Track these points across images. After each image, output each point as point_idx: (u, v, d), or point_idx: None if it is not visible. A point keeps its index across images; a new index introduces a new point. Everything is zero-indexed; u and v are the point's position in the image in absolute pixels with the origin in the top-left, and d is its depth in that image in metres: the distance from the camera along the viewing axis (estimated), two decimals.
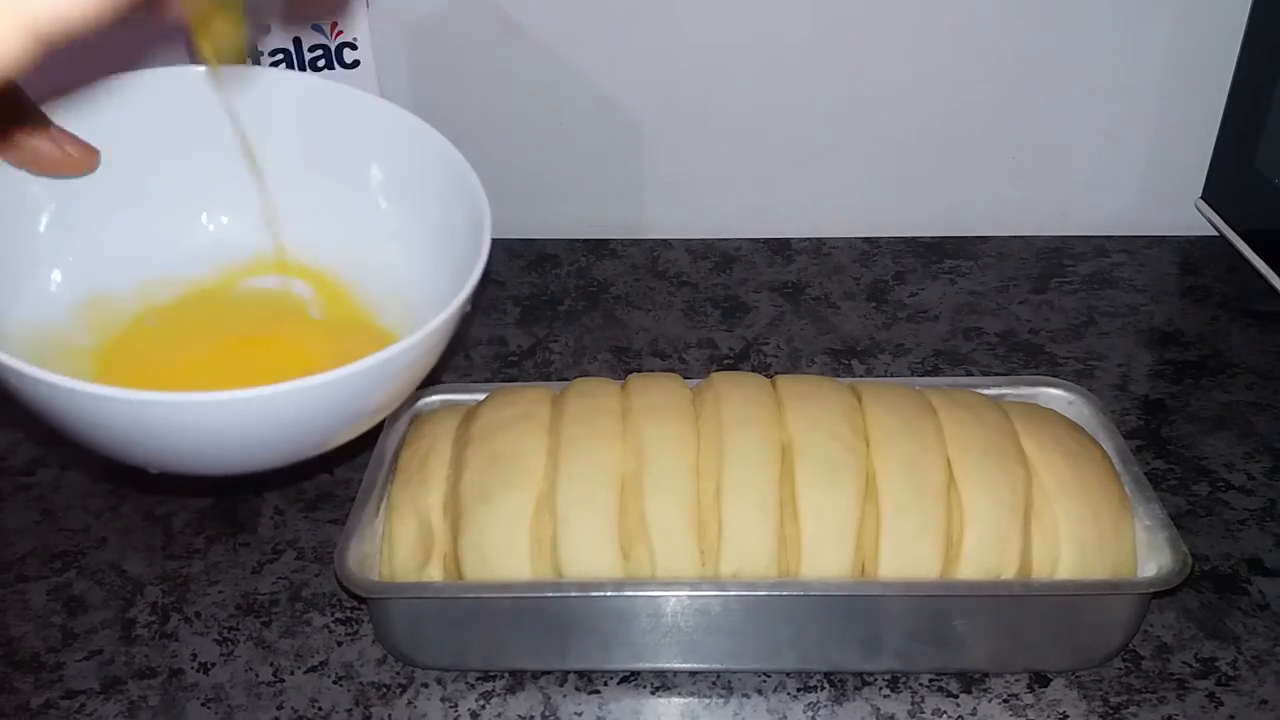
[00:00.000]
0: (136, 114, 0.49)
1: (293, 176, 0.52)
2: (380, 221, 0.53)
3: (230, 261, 0.53)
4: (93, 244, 0.51)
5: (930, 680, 0.50)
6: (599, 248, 0.82)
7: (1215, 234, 0.77)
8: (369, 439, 0.55)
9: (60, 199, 0.49)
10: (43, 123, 0.43)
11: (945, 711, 0.49)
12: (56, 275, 0.50)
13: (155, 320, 0.51)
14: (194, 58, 0.48)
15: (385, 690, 0.51)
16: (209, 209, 0.53)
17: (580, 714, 0.49)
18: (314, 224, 0.53)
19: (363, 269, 0.53)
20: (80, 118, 0.47)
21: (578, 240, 0.83)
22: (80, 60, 0.41)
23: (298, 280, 0.53)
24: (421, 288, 0.50)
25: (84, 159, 0.45)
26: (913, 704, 0.49)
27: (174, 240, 0.53)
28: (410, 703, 0.50)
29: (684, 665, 0.50)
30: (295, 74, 0.53)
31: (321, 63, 0.65)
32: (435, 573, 0.50)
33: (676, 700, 0.50)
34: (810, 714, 0.49)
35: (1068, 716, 0.49)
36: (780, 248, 0.82)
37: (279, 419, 0.40)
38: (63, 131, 0.44)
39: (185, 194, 0.53)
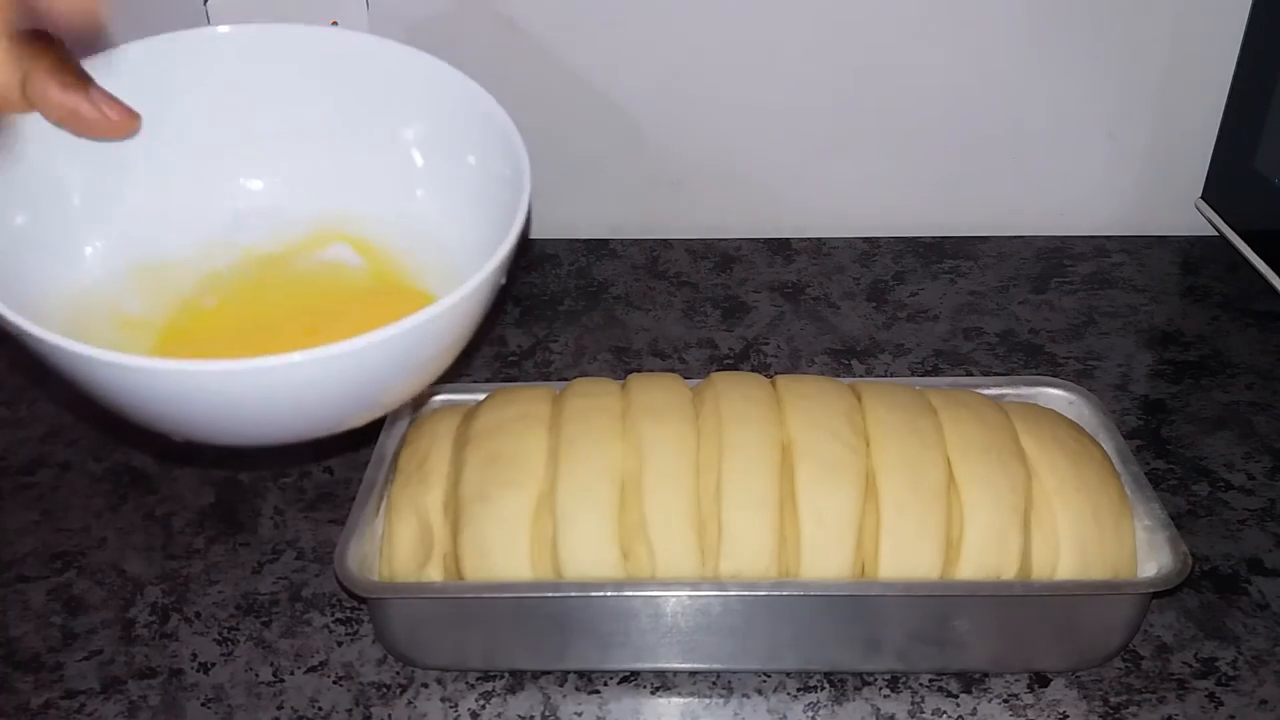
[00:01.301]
0: (168, 78, 0.49)
1: (330, 138, 0.51)
2: (421, 180, 0.52)
3: (277, 231, 0.53)
4: (135, 213, 0.50)
5: (930, 680, 0.50)
6: (599, 248, 0.82)
7: (1215, 234, 0.77)
8: (369, 438, 0.55)
9: (95, 168, 0.48)
10: (83, 81, 0.42)
11: (945, 711, 0.49)
12: (98, 245, 0.49)
13: (212, 298, 0.51)
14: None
15: (385, 690, 0.51)
16: (251, 176, 0.52)
17: (580, 714, 0.49)
18: (358, 187, 0.52)
19: (409, 234, 0.52)
20: (113, 82, 0.45)
21: (578, 240, 0.83)
22: None
23: (346, 246, 0.53)
24: (471, 253, 0.49)
25: (124, 122, 0.43)
26: (913, 704, 0.49)
27: (219, 209, 0.52)
28: (410, 703, 0.50)
29: (684, 665, 0.50)
30: (329, 30, 0.52)
31: None
32: (435, 573, 0.50)
33: (676, 700, 0.50)
34: (810, 714, 0.49)
35: (1068, 716, 0.49)
36: (780, 248, 0.82)
37: (311, 387, 0.40)
38: (103, 92, 0.42)
39: (225, 161, 0.52)
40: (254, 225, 0.52)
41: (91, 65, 0.43)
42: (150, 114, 0.45)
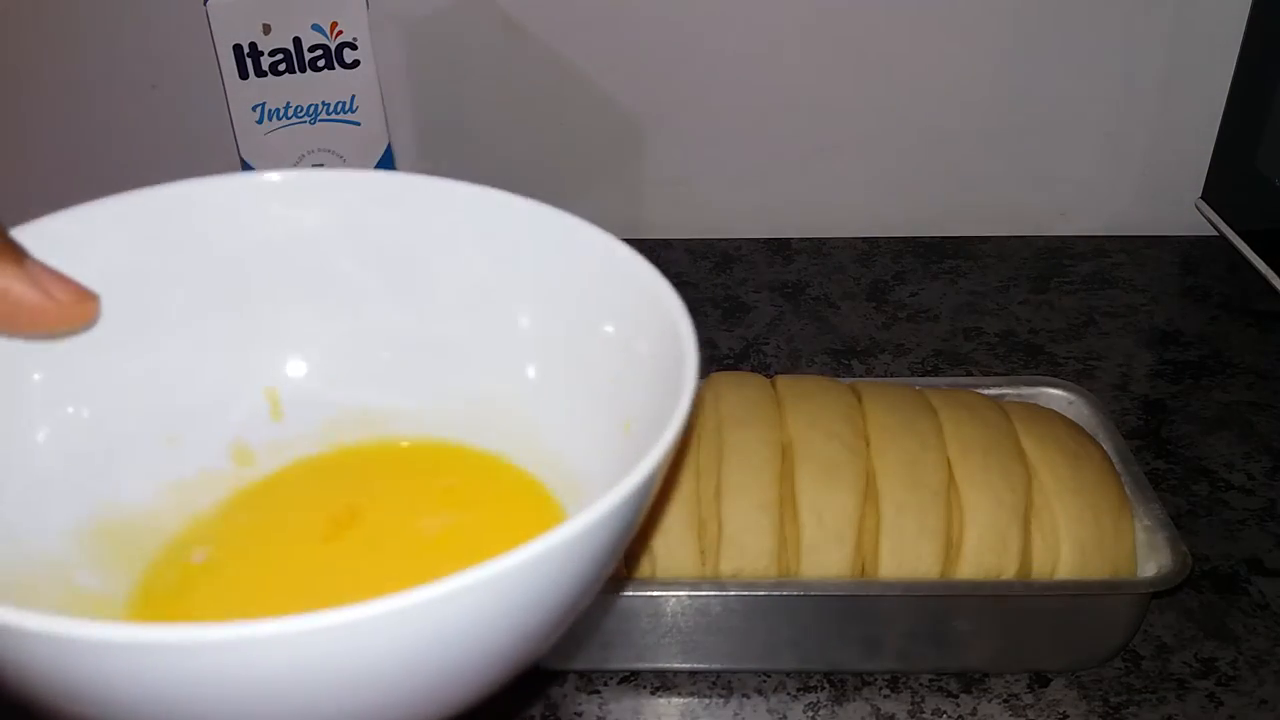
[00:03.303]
0: (145, 245, 0.37)
1: (391, 314, 0.39)
2: (529, 354, 0.39)
3: (302, 441, 0.39)
4: (94, 435, 0.36)
5: (930, 680, 0.50)
6: None
7: (1215, 234, 0.77)
8: None
9: (44, 363, 0.35)
10: (13, 252, 0.30)
11: (945, 711, 0.49)
12: (49, 487, 0.34)
13: (203, 549, 0.36)
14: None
15: None
16: (263, 370, 0.39)
17: (580, 714, 0.49)
18: (429, 380, 0.39)
19: (503, 431, 0.39)
20: (64, 255, 0.32)
21: None
22: None
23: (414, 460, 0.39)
24: (597, 454, 0.36)
25: (76, 307, 0.32)
26: (913, 704, 0.49)
27: (213, 419, 0.38)
28: None
29: (684, 665, 0.50)
30: (395, 176, 0.39)
31: (321, 63, 0.65)
32: None
33: (676, 700, 0.50)
34: (810, 714, 0.49)
35: (1068, 716, 0.49)
36: (780, 248, 0.82)
37: (398, 656, 0.25)
38: (45, 270, 0.31)
39: (228, 351, 0.38)
40: (268, 443, 0.39)
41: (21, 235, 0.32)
42: (119, 295, 0.34)
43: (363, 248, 0.39)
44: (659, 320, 0.36)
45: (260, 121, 0.65)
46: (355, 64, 0.65)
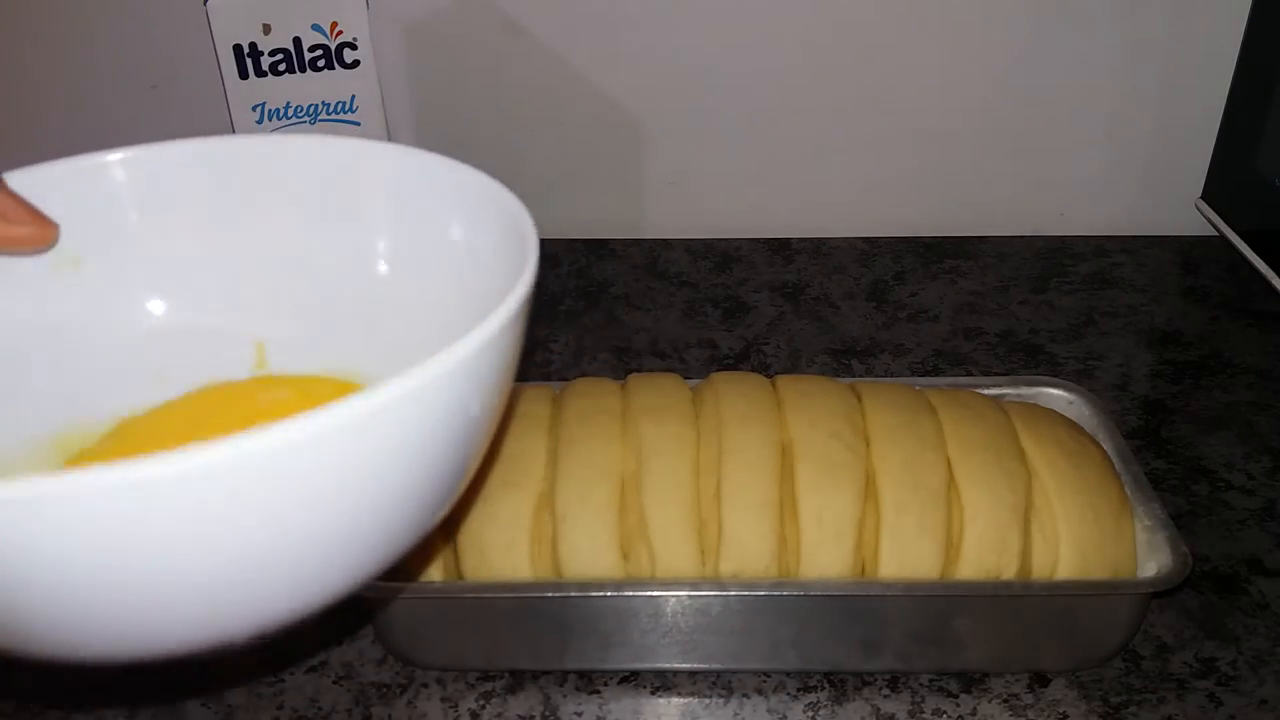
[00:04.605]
0: (80, 205, 0.42)
1: (266, 257, 0.44)
2: (391, 299, 0.43)
3: (200, 373, 0.43)
4: (78, 364, 0.41)
5: (930, 680, 0.50)
6: (599, 248, 0.82)
7: (1215, 234, 0.77)
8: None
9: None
10: None
11: (945, 711, 0.49)
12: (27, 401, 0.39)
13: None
14: None
15: (385, 690, 0.51)
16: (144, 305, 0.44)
17: (580, 714, 0.49)
18: (303, 318, 0.44)
19: (371, 352, 0.43)
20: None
21: (578, 240, 0.83)
22: None
23: (285, 394, 0.43)
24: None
25: (38, 232, 0.37)
26: (913, 704, 0.49)
27: (103, 359, 0.42)
28: (410, 703, 0.50)
29: (684, 665, 0.50)
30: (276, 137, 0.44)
31: (321, 63, 0.65)
32: (435, 573, 0.50)
33: (676, 700, 0.50)
34: (810, 714, 0.49)
35: (1068, 716, 0.49)
36: (780, 248, 0.82)
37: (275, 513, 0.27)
38: (12, 196, 0.36)
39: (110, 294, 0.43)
40: (145, 377, 0.42)
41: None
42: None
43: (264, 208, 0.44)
44: (503, 220, 0.41)
45: (260, 121, 0.65)
46: (355, 64, 0.65)
